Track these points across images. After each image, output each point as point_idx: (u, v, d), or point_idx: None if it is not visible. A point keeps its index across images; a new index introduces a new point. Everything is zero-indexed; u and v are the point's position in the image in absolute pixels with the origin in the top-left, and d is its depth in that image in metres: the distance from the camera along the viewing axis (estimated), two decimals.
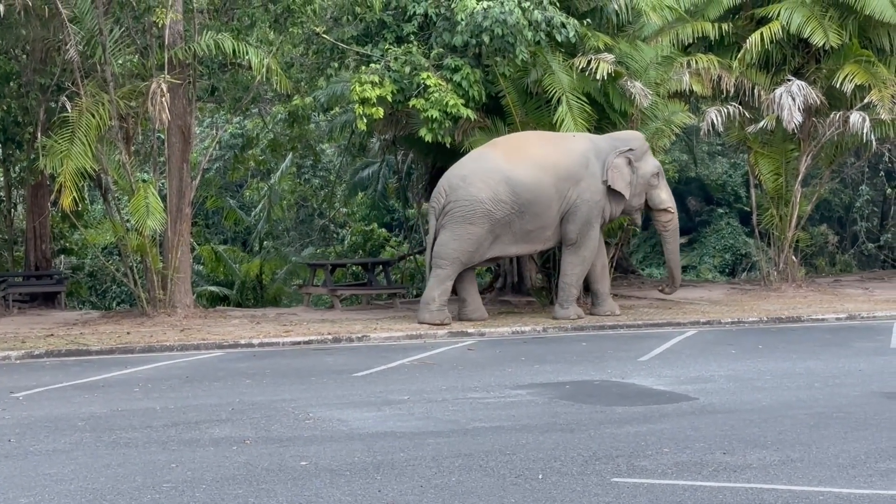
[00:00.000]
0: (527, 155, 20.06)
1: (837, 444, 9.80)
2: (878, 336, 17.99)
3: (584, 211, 20.07)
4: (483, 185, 19.73)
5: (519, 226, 19.97)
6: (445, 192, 20.00)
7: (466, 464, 9.34)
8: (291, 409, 12.14)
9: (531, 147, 20.31)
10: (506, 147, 20.37)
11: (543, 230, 20.18)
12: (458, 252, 19.86)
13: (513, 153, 20.09)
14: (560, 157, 20.10)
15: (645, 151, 20.79)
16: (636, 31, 23.83)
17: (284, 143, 30.28)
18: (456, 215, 19.77)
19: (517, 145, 20.42)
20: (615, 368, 14.89)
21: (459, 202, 19.75)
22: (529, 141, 20.66)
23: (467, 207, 19.70)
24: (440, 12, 21.18)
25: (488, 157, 20.17)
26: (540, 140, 20.70)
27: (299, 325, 20.65)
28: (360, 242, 34.58)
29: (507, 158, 19.97)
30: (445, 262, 19.96)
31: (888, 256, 38.01)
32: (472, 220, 19.72)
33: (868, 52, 24.41)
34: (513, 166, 19.83)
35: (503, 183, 19.73)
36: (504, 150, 20.20)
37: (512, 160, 19.92)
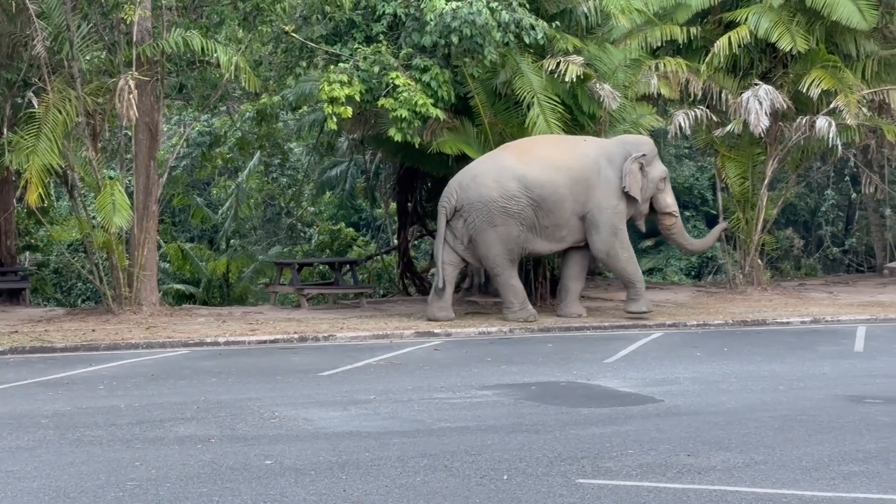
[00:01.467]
0: (538, 156, 20.30)
1: (801, 447, 9.85)
2: (842, 340, 18.08)
3: (605, 219, 20.31)
4: (494, 185, 19.96)
5: (537, 220, 20.17)
6: (456, 193, 20.24)
7: (432, 464, 9.35)
8: (257, 408, 12.11)
9: (543, 149, 20.54)
10: (517, 149, 20.64)
11: (558, 228, 20.36)
12: (499, 255, 20.24)
13: (524, 154, 20.36)
14: (572, 159, 20.30)
15: (654, 156, 20.98)
16: (605, 33, 23.88)
17: (252, 142, 30.21)
18: (477, 223, 20.07)
19: (529, 148, 20.65)
20: (581, 370, 14.92)
21: (473, 205, 20.01)
22: (541, 144, 20.89)
23: (483, 210, 19.98)
24: (409, 12, 21.17)
25: (499, 157, 20.47)
26: (551, 143, 20.94)
27: (265, 323, 20.61)
28: (327, 241, 34.53)
29: (518, 158, 20.25)
30: (498, 268, 20.40)
31: (853, 261, 38.21)
32: (494, 222, 20.00)
33: (835, 58, 24.56)
34: (524, 165, 20.10)
35: (514, 180, 19.97)
36: (516, 152, 20.49)
37: (523, 160, 20.19)
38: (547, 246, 20.70)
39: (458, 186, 20.31)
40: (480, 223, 20.06)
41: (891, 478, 8.79)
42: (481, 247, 20.23)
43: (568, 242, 20.71)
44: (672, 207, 21.23)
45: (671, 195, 21.31)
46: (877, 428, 10.67)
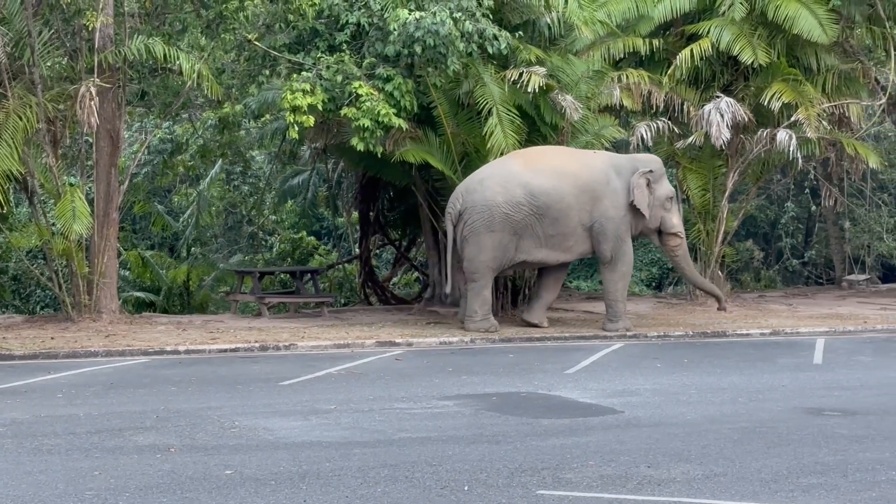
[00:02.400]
0: (546, 164, 20.37)
1: (760, 459, 9.89)
2: (801, 352, 18.18)
3: (612, 228, 20.30)
4: (499, 189, 19.99)
5: (541, 230, 20.18)
6: (462, 197, 20.28)
7: (392, 475, 9.34)
8: (217, 418, 12.07)
9: (551, 158, 20.68)
10: (525, 157, 20.70)
11: (565, 238, 20.37)
12: (486, 262, 20.19)
13: (531, 162, 20.41)
14: (580, 169, 20.36)
15: (662, 175, 21.00)
16: (568, 44, 23.92)
17: (214, 150, 30.10)
18: (476, 225, 20.06)
19: (537, 156, 20.76)
20: (542, 380, 14.93)
21: (476, 207, 20.02)
22: (549, 153, 21.09)
23: (485, 213, 19.97)
24: (373, 22, 21.16)
25: (506, 164, 20.53)
26: (560, 152, 21.16)
27: (226, 332, 20.53)
28: (288, 250, 34.44)
29: (525, 165, 20.29)
30: (477, 275, 20.30)
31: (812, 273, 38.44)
32: (493, 227, 19.99)
33: (795, 71, 24.72)
34: (530, 172, 20.15)
35: (520, 187, 19.99)
36: (523, 159, 20.54)
37: (530, 167, 20.23)
38: (553, 255, 20.67)
39: (464, 190, 20.39)
40: (479, 226, 20.06)
41: (849, 490, 8.84)
42: (471, 248, 20.19)
43: (576, 253, 20.80)
44: (678, 228, 21.10)
45: (678, 216, 21.24)
46: (835, 440, 10.73)
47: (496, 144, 21.21)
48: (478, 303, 20.42)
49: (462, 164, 22.32)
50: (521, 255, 20.36)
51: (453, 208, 20.35)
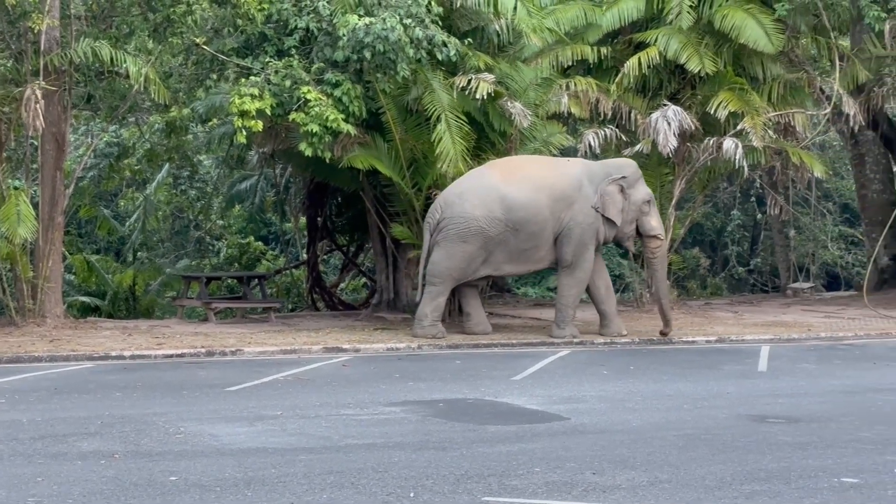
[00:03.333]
0: (523, 175, 20.34)
1: (705, 466, 9.94)
2: (746, 359, 18.29)
3: (578, 233, 20.26)
4: (478, 203, 19.98)
5: (514, 244, 20.20)
6: (441, 208, 20.27)
7: (338, 481, 9.32)
8: (162, 423, 12.00)
9: (528, 168, 20.66)
10: (503, 167, 20.74)
11: (537, 250, 20.41)
12: (451, 269, 20.19)
13: (510, 173, 20.38)
14: (556, 178, 20.35)
15: (637, 179, 20.90)
16: (517, 52, 24.00)
17: (161, 154, 29.98)
18: (450, 233, 20.05)
19: (515, 166, 20.77)
20: (489, 387, 14.95)
21: (455, 219, 20.03)
22: (526, 163, 21.11)
23: (462, 225, 19.98)
24: (322, 27, 21.14)
25: (485, 176, 20.50)
26: (536, 162, 21.19)
27: (172, 337, 20.43)
28: (236, 255, 34.32)
29: (503, 178, 20.26)
30: (438, 280, 20.31)
31: (757, 280, 38.73)
32: (466, 238, 20.00)
33: (742, 80, 24.90)
34: (509, 185, 20.12)
35: (498, 201, 19.98)
36: (501, 170, 20.54)
37: (508, 180, 20.20)
38: (522, 268, 20.97)
39: (443, 202, 20.39)
40: (453, 234, 20.06)
41: (791, 497, 8.90)
42: (440, 253, 20.20)
43: (546, 262, 20.81)
44: (657, 231, 21.06)
45: (656, 218, 21.18)
46: (778, 447, 10.80)
47: (444, 151, 21.22)
48: (430, 307, 20.41)
49: (410, 170, 22.33)
50: (486, 268, 20.43)
51: (432, 218, 20.36)
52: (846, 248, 38.77)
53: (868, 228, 31.94)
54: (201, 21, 21.87)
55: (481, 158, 22.39)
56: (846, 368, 17.25)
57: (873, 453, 10.54)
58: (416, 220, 22.64)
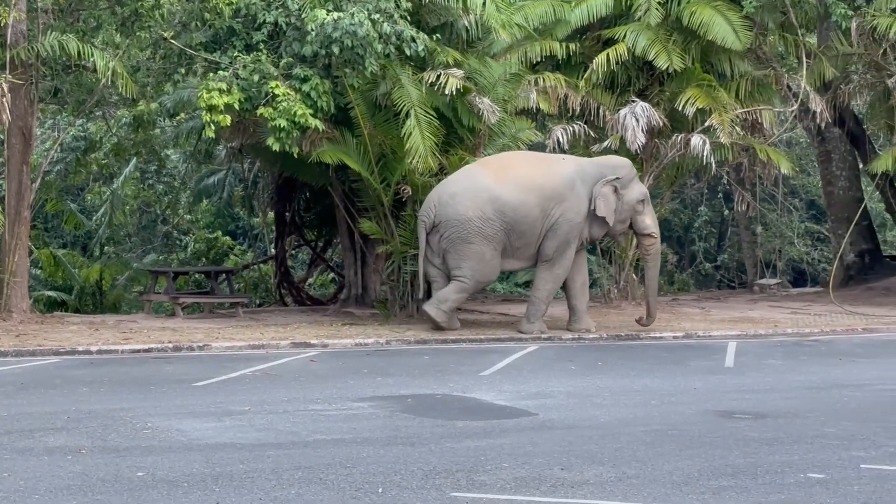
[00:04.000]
0: (514, 175, 20.30)
1: (672, 462, 9.98)
2: (713, 355, 18.36)
3: (564, 230, 20.22)
4: (471, 204, 19.99)
5: (509, 242, 20.25)
6: (435, 208, 20.27)
7: (306, 476, 9.31)
8: (129, 419, 11.96)
9: (519, 168, 20.60)
10: (496, 166, 20.72)
11: (528, 248, 20.45)
12: (473, 268, 20.19)
13: (501, 173, 20.37)
14: (546, 179, 20.29)
15: (632, 179, 20.77)
16: (485, 47, 24.03)
17: (128, 148, 29.89)
18: (453, 237, 20.11)
19: (506, 165, 20.74)
20: (457, 382, 14.96)
21: (450, 222, 20.06)
22: (518, 161, 21.06)
23: (459, 227, 20.03)
24: (290, 22, 21.07)
25: (477, 176, 20.49)
26: (529, 161, 21.11)
27: (139, 332, 20.35)
28: (203, 250, 34.23)
29: (495, 178, 20.26)
30: (466, 278, 20.27)
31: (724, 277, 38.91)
32: (469, 239, 20.04)
33: (710, 77, 25.00)
34: (500, 186, 20.10)
35: (489, 203, 19.99)
36: (493, 171, 20.52)
37: (500, 180, 20.19)
38: (518, 264, 21.04)
39: (437, 202, 20.35)
40: (455, 239, 20.10)
41: (759, 492, 8.95)
42: (454, 256, 20.21)
43: (534, 260, 20.82)
44: (651, 229, 20.99)
45: (651, 217, 21.08)
46: (745, 443, 10.85)
47: (413, 146, 21.21)
48: (455, 295, 20.39)
49: (379, 165, 22.31)
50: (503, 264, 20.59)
51: (427, 217, 20.33)
52: (812, 244, 39.02)
53: (834, 225, 32.14)
54: (169, 15, 21.78)
55: (450, 154, 22.41)
56: (812, 364, 17.34)
57: (839, 449, 10.60)
58: (385, 216, 22.64)
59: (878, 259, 32.29)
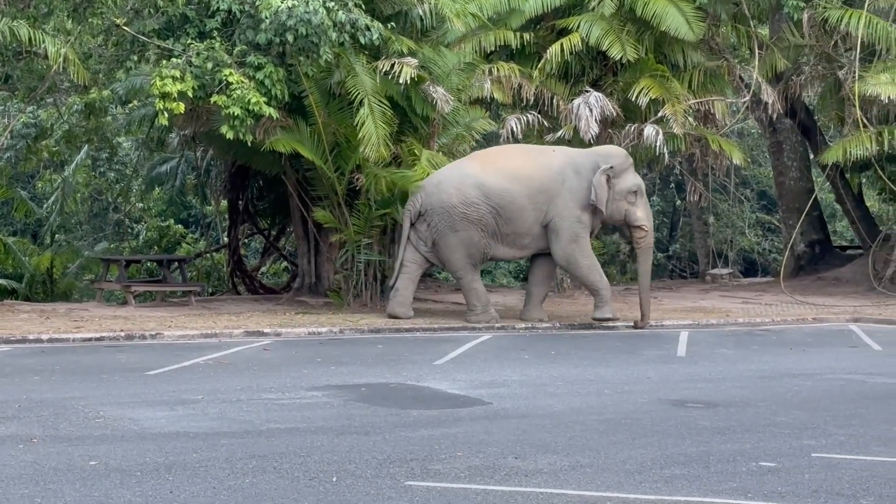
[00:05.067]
0: (501, 166, 20.49)
1: (625, 451, 10.03)
2: (665, 344, 18.46)
3: (566, 228, 20.21)
4: (454, 191, 20.21)
5: (496, 227, 20.32)
6: (421, 198, 20.55)
7: (260, 465, 9.29)
8: (81, 408, 11.90)
9: (507, 159, 20.81)
10: (482, 158, 21.06)
11: (519, 236, 20.49)
12: (462, 258, 20.48)
13: (488, 164, 20.61)
14: (534, 170, 20.36)
15: (625, 168, 20.57)
16: (440, 36, 24.01)
17: (80, 135, 29.64)
18: (439, 227, 20.34)
19: (494, 157, 20.99)
20: (411, 371, 14.98)
21: (436, 210, 20.30)
22: (507, 154, 21.30)
23: (444, 216, 20.24)
24: (244, 9, 20.96)
25: (464, 166, 20.89)
26: (517, 153, 21.27)
27: (91, 320, 20.24)
28: (155, 238, 34.08)
29: (480, 167, 20.51)
30: (461, 272, 20.72)
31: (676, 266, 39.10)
32: (455, 227, 20.24)
33: (663, 68, 25.11)
34: (484, 174, 20.33)
35: (474, 187, 20.18)
36: (480, 161, 20.86)
37: (485, 169, 20.42)
38: (510, 252, 21.03)
39: (423, 192, 20.61)
40: (443, 228, 20.28)
41: (710, 480, 9.01)
42: (443, 250, 20.49)
43: (532, 249, 20.87)
44: (642, 221, 20.69)
45: (643, 209, 20.82)
46: (697, 432, 10.93)
47: (367, 135, 21.18)
48: (473, 297, 20.75)
49: (333, 153, 22.27)
50: (491, 250, 20.64)
51: (412, 206, 20.58)
52: (763, 234, 39.29)
53: (785, 215, 32.36)
54: (122, 1, 21.63)
55: (403, 143, 22.41)
56: (763, 354, 17.47)
57: (790, 437, 10.70)
58: (339, 204, 22.61)
59: (828, 249, 32.56)
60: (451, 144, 23.67)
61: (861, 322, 21.87)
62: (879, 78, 24.13)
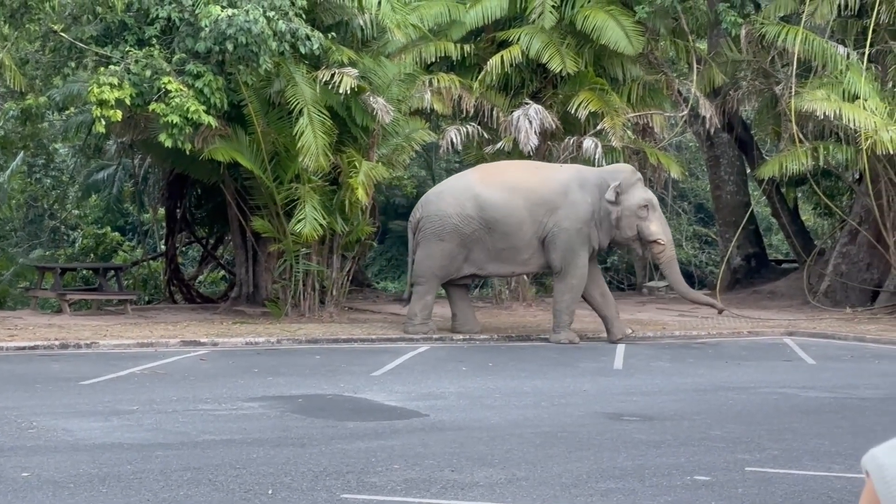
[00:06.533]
0: (502, 178, 20.50)
1: (562, 464, 10.06)
2: (602, 357, 18.54)
3: (563, 239, 20.09)
4: (453, 201, 20.26)
5: (491, 243, 20.25)
6: (421, 208, 20.76)
7: (195, 477, 9.24)
8: (14, 418, 11.77)
9: (509, 172, 20.82)
10: (485, 171, 21.18)
11: (517, 251, 20.38)
12: (433, 268, 20.43)
13: (489, 176, 20.68)
14: (537, 183, 20.33)
15: (632, 184, 20.39)
16: (380, 47, 24.03)
17: (15, 141, 29.36)
18: (427, 231, 20.34)
19: (496, 170, 21.05)
20: (348, 383, 14.95)
21: (431, 217, 20.34)
22: (511, 167, 21.35)
23: (437, 223, 20.24)
24: (184, 17, 20.87)
25: (465, 178, 21.09)
26: (521, 167, 21.34)
27: (25, 329, 20.05)
28: (92, 246, 33.76)
29: (481, 179, 20.57)
30: (423, 279, 20.61)
31: (614, 278, 39.22)
32: (442, 236, 20.20)
33: (602, 81, 25.24)
34: (484, 186, 20.34)
35: (471, 200, 20.19)
36: (482, 173, 20.98)
37: (486, 181, 20.46)
38: (507, 268, 20.99)
39: (423, 201, 20.95)
40: (430, 234, 20.32)
41: (645, 494, 9.06)
42: (420, 253, 20.52)
43: (533, 266, 20.92)
44: (656, 236, 20.51)
45: (657, 223, 20.60)
46: (633, 445, 10.98)
47: (306, 144, 21.19)
48: (419, 306, 20.62)
49: (272, 163, 22.23)
50: (469, 267, 20.53)
51: (413, 217, 20.78)
52: (700, 247, 39.54)
53: (721, 229, 32.63)
54: (59, 7, 21.46)
55: (343, 153, 22.40)
56: (699, 367, 17.59)
57: (724, 451, 10.77)
58: (277, 214, 22.55)
59: (764, 263, 32.86)
60: (390, 155, 23.69)
61: (795, 336, 22.07)
62: (815, 94, 24.36)
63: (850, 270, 27.94)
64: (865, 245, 27.68)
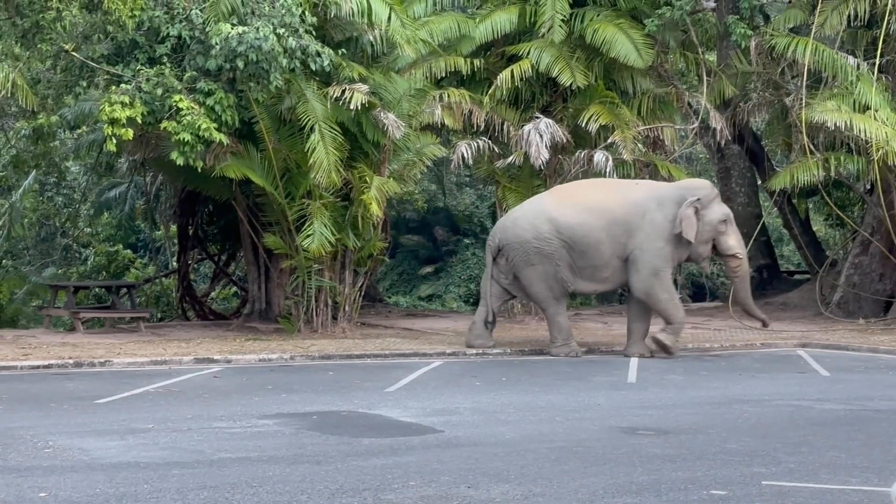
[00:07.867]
0: (577, 200, 20.59)
1: (577, 479, 10.05)
2: (615, 370, 18.52)
3: (645, 261, 20.16)
4: (528, 226, 20.35)
5: (572, 262, 20.32)
6: (499, 233, 20.91)
7: (212, 496, 9.24)
8: (30, 437, 11.79)
9: (584, 193, 20.91)
10: (560, 193, 21.31)
11: (596, 270, 20.46)
12: (542, 291, 20.54)
13: (564, 198, 20.78)
14: (614, 203, 20.36)
15: (712, 199, 20.58)
16: (390, 62, 24.05)
17: (28, 160, 29.45)
18: (516, 261, 20.47)
19: (572, 192, 21.16)
20: (362, 399, 14.95)
21: (511, 245, 20.47)
22: (586, 187, 21.47)
23: (519, 250, 20.38)
24: (194, 35, 20.92)
25: (541, 201, 21.17)
26: (597, 187, 21.46)
27: (38, 348, 20.08)
28: (104, 264, 33.84)
29: (556, 202, 20.67)
30: (543, 304, 20.84)
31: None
32: (530, 261, 20.32)
33: (612, 94, 25.24)
34: (559, 208, 20.43)
35: (546, 222, 20.24)
36: (557, 195, 21.11)
37: (560, 203, 20.58)
38: (590, 286, 21.05)
39: (500, 227, 21.09)
40: (519, 262, 20.38)
41: None
42: (524, 283, 20.59)
43: (613, 283, 21.06)
44: (734, 250, 20.79)
45: (734, 237, 20.86)
46: (649, 460, 10.96)
47: (318, 161, 21.21)
48: (555, 329, 20.68)
49: (283, 179, 22.26)
50: (568, 284, 20.54)
51: (492, 242, 20.96)
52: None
53: None
54: (71, 27, 21.48)
55: (354, 168, 22.43)
56: (713, 380, 17.57)
57: (741, 465, 10.75)
58: (289, 230, 22.58)
59: (775, 274, 32.82)
60: (401, 170, 23.72)
61: (809, 347, 22.05)
62: (826, 105, 24.36)
63: (862, 281, 27.90)
64: (878, 256, 27.64)
